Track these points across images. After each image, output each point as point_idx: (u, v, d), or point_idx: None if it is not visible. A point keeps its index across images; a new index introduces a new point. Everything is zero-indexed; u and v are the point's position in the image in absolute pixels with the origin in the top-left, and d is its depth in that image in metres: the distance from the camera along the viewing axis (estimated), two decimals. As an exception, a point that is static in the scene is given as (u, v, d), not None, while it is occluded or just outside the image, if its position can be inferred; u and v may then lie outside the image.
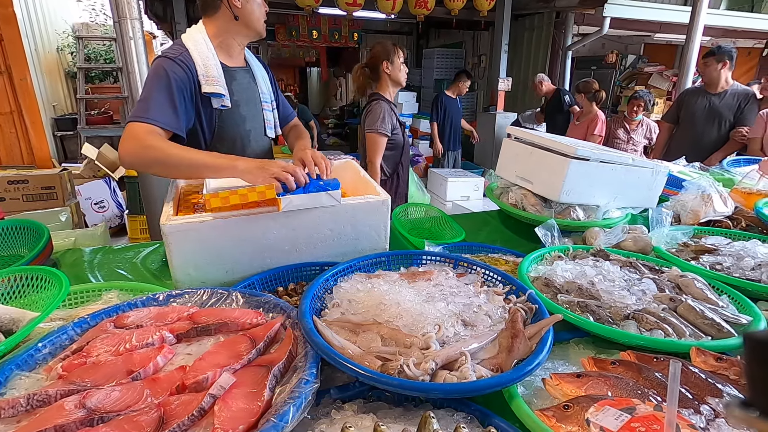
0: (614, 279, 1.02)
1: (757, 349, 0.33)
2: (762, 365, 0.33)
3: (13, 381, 0.64)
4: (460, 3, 4.92)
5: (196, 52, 1.26)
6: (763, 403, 0.32)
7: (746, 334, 0.34)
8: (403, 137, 2.22)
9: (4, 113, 4.60)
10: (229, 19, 1.31)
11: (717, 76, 2.93)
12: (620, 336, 0.81)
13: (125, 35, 2.43)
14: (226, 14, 1.30)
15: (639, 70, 6.70)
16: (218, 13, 1.31)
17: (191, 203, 1.15)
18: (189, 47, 1.27)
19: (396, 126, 2.18)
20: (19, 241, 1.22)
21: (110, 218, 4.35)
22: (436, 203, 4.82)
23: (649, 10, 5.40)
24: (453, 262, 1.01)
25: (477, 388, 0.62)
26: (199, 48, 1.28)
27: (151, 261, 1.28)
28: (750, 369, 0.33)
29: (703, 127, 3.03)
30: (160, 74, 1.20)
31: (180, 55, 1.24)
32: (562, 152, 1.42)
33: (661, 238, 1.30)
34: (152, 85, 1.19)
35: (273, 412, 0.55)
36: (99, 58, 5.98)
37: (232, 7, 1.29)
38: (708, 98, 3.01)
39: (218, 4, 1.29)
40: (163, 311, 0.80)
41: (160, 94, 1.18)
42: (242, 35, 1.36)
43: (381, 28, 8.02)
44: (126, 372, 0.64)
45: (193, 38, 1.29)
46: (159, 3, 4.94)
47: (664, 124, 3.44)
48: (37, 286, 0.87)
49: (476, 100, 7.46)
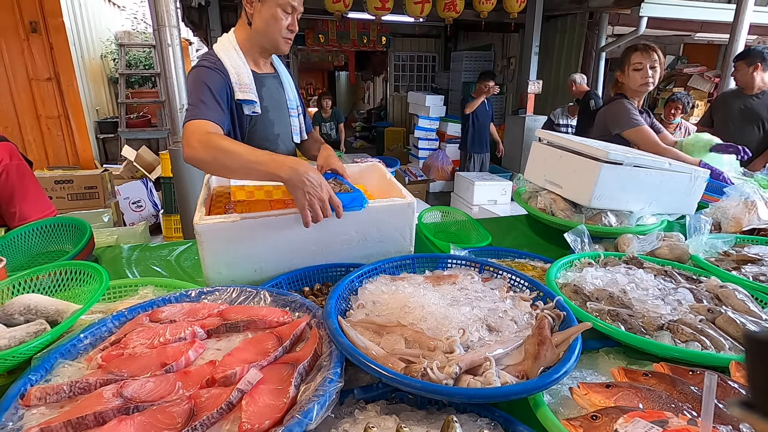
0: (648, 288, 0.98)
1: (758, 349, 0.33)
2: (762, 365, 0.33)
3: (58, 369, 0.68)
4: (489, 5, 4.88)
5: (228, 61, 1.30)
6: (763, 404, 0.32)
7: (746, 334, 0.33)
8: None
9: (52, 117, 4.88)
10: (246, 25, 1.34)
11: (750, 79, 2.79)
12: (653, 347, 0.78)
13: (164, 42, 2.54)
14: (243, 20, 1.34)
15: (678, 71, 6.43)
16: (241, 18, 1.35)
17: (223, 204, 1.19)
18: (221, 57, 1.31)
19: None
20: (65, 237, 1.29)
21: (147, 217, 4.54)
22: (463, 207, 4.78)
23: (689, 9, 5.17)
24: (479, 266, 1.00)
25: (501, 394, 0.61)
26: (230, 57, 1.32)
27: (184, 259, 1.33)
28: (751, 369, 0.33)
29: (739, 130, 2.89)
30: (201, 80, 1.25)
31: (215, 63, 1.28)
32: (593, 156, 1.38)
33: (700, 246, 1.24)
34: (197, 91, 1.24)
35: (298, 409, 0.56)
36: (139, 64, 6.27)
37: (247, 14, 1.31)
38: (744, 100, 2.87)
39: (241, 10, 1.34)
40: (194, 307, 0.83)
41: (206, 97, 1.23)
42: (260, 45, 1.36)
43: (409, 31, 8.05)
44: (160, 364, 0.67)
45: (225, 47, 1.34)
46: (195, 11, 5.14)
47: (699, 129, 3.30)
48: (79, 280, 0.92)
49: (505, 103, 7.36)
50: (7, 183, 1.40)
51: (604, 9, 5.26)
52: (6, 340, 0.71)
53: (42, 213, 1.45)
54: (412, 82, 8.63)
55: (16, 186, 1.42)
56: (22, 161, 1.47)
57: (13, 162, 1.43)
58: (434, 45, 8.55)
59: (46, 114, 4.84)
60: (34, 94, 4.74)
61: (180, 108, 2.75)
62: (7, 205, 1.41)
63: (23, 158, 1.48)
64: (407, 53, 8.38)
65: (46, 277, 0.92)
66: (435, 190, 6.17)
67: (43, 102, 4.79)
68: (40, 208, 1.46)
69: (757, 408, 0.32)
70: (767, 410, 0.32)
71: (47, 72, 4.72)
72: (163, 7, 2.48)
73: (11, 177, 1.41)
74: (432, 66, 8.70)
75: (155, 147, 5.70)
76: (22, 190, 1.43)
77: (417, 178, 5.95)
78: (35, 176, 1.50)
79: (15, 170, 1.42)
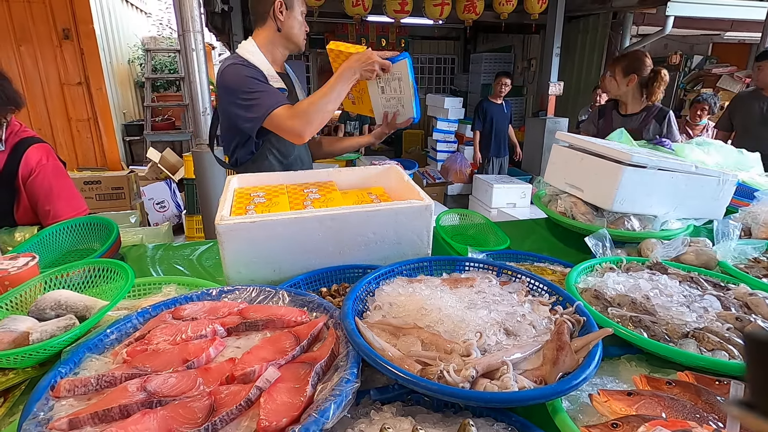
0: (672, 294, 0.96)
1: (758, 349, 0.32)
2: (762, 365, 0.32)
3: (86, 362, 0.70)
4: (509, 6, 4.84)
5: (254, 60, 1.52)
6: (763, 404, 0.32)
7: (746, 333, 0.33)
8: None
9: (82, 120, 5.06)
10: (274, 31, 1.56)
11: None
12: (678, 355, 0.76)
13: (188, 47, 2.61)
14: (272, 26, 1.55)
15: (706, 71, 6.23)
16: (266, 25, 1.56)
17: (244, 205, 1.22)
18: (247, 57, 1.51)
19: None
20: (93, 236, 1.34)
21: (170, 217, 4.66)
22: (481, 210, 4.74)
23: (718, 8, 5.00)
24: (497, 269, 0.99)
25: (519, 398, 0.60)
26: (255, 57, 1.53)
27: (206, 258, 1.36)
28: (750, 369, 0.33)
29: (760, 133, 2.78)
30: (246, 75, 1.46)
31: (245, 61, 1.50)
32: (615, 159, 1.35)
33: (728, 252, 1.20)
34: (251, 86, 1.45)
35: (315, 407, 0.57)
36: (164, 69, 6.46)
37: (276, 20, 1.54)
38: (763, 101, 2.75)
39: (266, 16, 1.55)
40: (215, 306, 0.85)
41: (261, 86, 1.47)
42: (283, 46, 1.61)
43: (428, 34, 8.04)
44: (182, 360, 0.68)
45: (249, 50, 1.54)
46: (218, 16, 5.25)
47: (719, 133, 3.19)
48: (106, 278, 0.96)
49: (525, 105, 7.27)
50: (43, 182, 1.46)
51: (628, 9, 5.15)
52: (38, 333, 0.74)
53: (75, 212, 1.50)
54: (430, 85, 8.61)
55: (53, 185, 1.48)
56: (58, 162, 1.54)
57: (49, 162, 1.49)
58: (453, 47, 8.52)
59: (76, 117, 5.03)
60: (66, 98, 4.94)
61: (203, 111, 2.82)
62: (43, 204, 1.47)
63: (58, 159, 1.55)
64: (426, 55, 8.37)
65: (76, 273, 0.95)
66: (453, 192, 6.13)
67: (73, 105, 4.98)
68: (73, 207, 1.52)
69: (757, 408, 0.32)
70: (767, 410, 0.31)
71: (78, 77, 4.90)
72: (188, 13, 2.55)
73: (47, 176, 1.47)
74: (451, 68, 8.66)
75: (179, 149, 5.85)
76: (57, 190, 1.49)
77: (435, 180, 5.92)
78: (69, 176, 1.56)
79: (51, 170, 1.49)
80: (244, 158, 1.63)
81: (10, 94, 1.39)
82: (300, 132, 1.40)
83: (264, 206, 1.16)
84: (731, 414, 0.33)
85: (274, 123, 1.44)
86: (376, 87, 1.59)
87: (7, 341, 0.73)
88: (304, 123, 1.40)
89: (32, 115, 4.81)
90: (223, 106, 1.57)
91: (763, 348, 0.32)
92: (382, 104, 1.63)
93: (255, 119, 1.46)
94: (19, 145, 1.44)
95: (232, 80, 1.47)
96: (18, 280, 0.92)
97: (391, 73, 1.50)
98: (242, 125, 1.51)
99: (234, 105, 1.48)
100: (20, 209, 1.48)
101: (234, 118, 1.52)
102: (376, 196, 1.25)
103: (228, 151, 1.69)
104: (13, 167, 1.43)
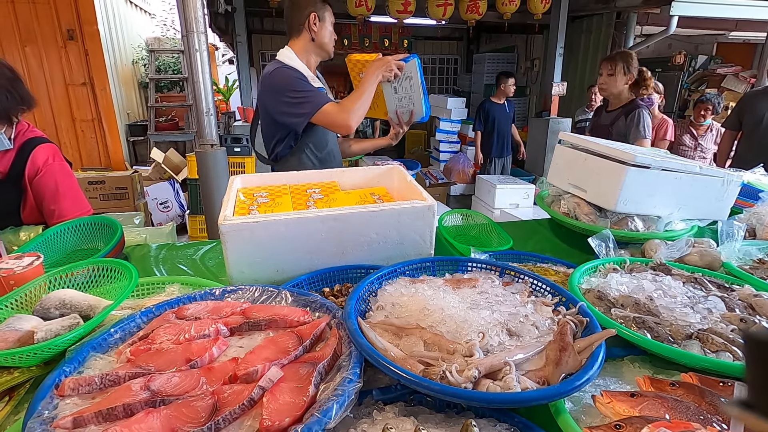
0: (676, 295, 0.95)
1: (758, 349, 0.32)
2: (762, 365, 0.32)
3: (90, 361, 0.71)
4: (513, 6, 4.83)
5: (295, 65, 1.73)
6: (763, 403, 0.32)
7: (746, 333, 0.33)
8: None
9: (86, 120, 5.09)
10: (308, 41, 1.77)
11: None
12: (681, 356, 0.75)
13: (192, 47, 2.62)
14: (307, 37, 1.77)
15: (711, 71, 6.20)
16: (301, 36, 1.77)
17: (247, 205, 1.22)
18: (288, 62, 1.72)
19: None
20: (97, 236, 1.35)
21: (173, 217, 4.68)
22: (484, 210, 4.73)
23: (723, 7, 4.96)
24: (499, 270, 0.99)
25: (521, 399, 0.60)
26: (295, 62, 1.74)
27: (209, 258, 1.37)
28: (750, 369, 0.33)
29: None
30: (294, 77, 1.68)
31: (289, 65, 1.71)
32: (619, 159, 1.34)
33: (732, 253, 1.19)
34: (300, 86, 1.68)
35: (317, 407, 0.57)
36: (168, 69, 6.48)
37: (311, 31, 1.75)
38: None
39: (301, 28, 1.76)
40: (218, 305, 0.85)
41: (308, 86, 1.69)
42: (317, 54, 1.82)
43: (431, 34, 8.04)
44: (185, 360, 0.69)
45: (289, 57, 1.75)
46: (222, 17, 5.27)
47: (726, 132, 3.17)
48: (110, 277, 0.96)
49: (528, 105, 7.25)
50: (49, 182, 1.47)
51: (632, 8, 5.12)
52: (43, 332, 0.75)
53: (79, 211, 1.51)
54: (433, 85, 8.60)
55: (59, 185, 1.49)
56: (64, 162, 1.55)
57: (56, 162, 1.50)
58: (456, 47, 8.51)
59: (80, 117, 5.06)
60: (70, 99, 4.97)
61: (206, 111, 2.82)
62: (48, 203, 1.48)
63: (64, 159, 1.56)
64: (429, 56, 8.37)
65: (80, 273, 0.96)
66: (456, 193, 6.13)
67: (78, 106, 5.01)
68: (77, 207, 1.53)
69: (757, 408, 0.32)
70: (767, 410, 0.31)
71: (82, 77, 4.93)
72: (191, 13, 2.56)
73: (53, 176, 1.48)
74: (454, 68, 8.65)
75: (182, 149, 5.88)
76: (63, 189, 1.50)
77: (438, 180, 5.92)
78: (74, 176, 1.57)
79: (57, 170, 1.50)
80: (283, 152, 1.84)
81: (23, 94, 1.41)
82: (349, 124, 1.65)
83: (267, 206, 1.16)
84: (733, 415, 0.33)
85: (325, 117, 1.67)
86: (389, 88, 1.80)
87: (12, 340, 0.74)
88: (351, 116, 1.65)
89: (37, 116, 4.85)
90: (268, 105, 1.76)
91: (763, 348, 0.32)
92: (396, 104, 1.85)
93: (305, 114, 1.67)
94: (26, 145, 1.46)
95: (282, 81, 1.68)
96: (23, 280, 0.93)
97: (403, 72, 1.74)
98: (290, 120, 1.72)
99: (283, 103, 1.69)
100: (27, 209, 1.49)
101: (281, 115, 1.73)
102: (378, 197, 1.25)
103: (268, 147, 1.90)
104: (20, 167, 1.44)
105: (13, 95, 1.37)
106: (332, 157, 1.93)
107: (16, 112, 1.41)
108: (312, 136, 1.81)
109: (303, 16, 1.74)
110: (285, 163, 1.84)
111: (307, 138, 1.81)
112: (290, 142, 1.81)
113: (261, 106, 1.83)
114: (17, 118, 1.43)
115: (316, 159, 1.86)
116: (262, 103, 1.80)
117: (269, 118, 1.80)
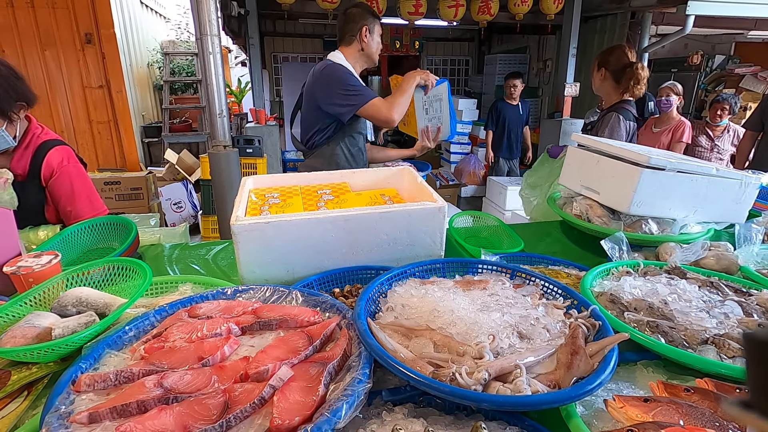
0: (691, 299, 0.94)
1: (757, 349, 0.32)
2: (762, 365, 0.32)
3: (105, 358, 0.72)
4: (525, 7, 4.79)
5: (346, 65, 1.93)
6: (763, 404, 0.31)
7: (746, 333, 0.33)
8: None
9: (102, 122, 5.19)
10: (357, 50, 1.97)
11: None
12: (696, 362, 0.74)
13: (206, 50, 2.65)
14: (357, 46, 1.96)
15: (728, 71, 6.08)
16: (351, 45, 1.96)
17: (258, 206, 1.23)
18: (337, 62, 1.90)
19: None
20: (113, 235, 1.37)
21: (186, 217, 4.74)
22: (495, 212, 4.71)
23: (741, 6, 4.85)
24: (510, 272, 0.98)
25: (532, 402, 0.60)
26: (344, 64, 1.93)
27: (221, 258, 1.38)
28: (750, 369, 0.33)
29: None
30: (347, 73, 1.89)
31: (341, 64, 1.90)
32: (633, 161, 1.33)
33: (750, 257, 1.17)
34: (353, 80, 1.88)
35: (327, 407, 0.57)
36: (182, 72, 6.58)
37: (362, 42, 1.95)
38: None
39: (353, 39, 1.95)
40: (230, 305, 0.86)
41: (358, 82, 1.90)
42: (363, 62, 2.02)
43: (442, 35, 8.02)
44: (197, 358, 0.70)
45: (339, 58, 1.94)
46: (235, 20, 5.32)
47: (747, 132, 3.10)
48: (125, 276, 0.98)
49: (540, 106, 7.19)
50: (64, 183, 1.51)
51: (647, 8, 5.04)
52: (60, 329, 0.76)
53: (95, 212, 1.55)
54: (444, 86, 8.57)
55: (74, 186, 1.53)
56: (79, 164, 1.58)
57: (70, 164, 1.54)
58: (467, 48, 8.47)
59: (97, 119, 5.15)
60: (87, 101, 5.07)
61: (219, 113, 2.86)
62: (65, 205, 1.52)
63: (79, 160, 1.59)
64: (440, 57, 8.35)
65: (96, 272, 0.98)
66: (467, 194, 6.10)
67: (95, 108, 5.11)
68: (92, 208, 1.56)
69: (757, 408, 0.31)
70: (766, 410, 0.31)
71: (99, 80, 5.03)
72: (205, 17, 2.60)
73: (68, 178, 1.52)
74: (465, 70, 8.61)
75: (195, 150, 5.95)
76: (78, 191, 1.53)
77: (448, 182, 5.90)
78: (89, 177, 1.61)
79: (72, 172, 1.53)
80: (320, 142, 2.02)
81: (21, 90, 1.41)
82: (393, 117, 1.83)
83: (278, 207, 1.17)
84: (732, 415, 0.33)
85: (372, 108, 1.84)
86: (421, 107, 2.00)
87: (31, 336, 0.76)
88: (395, 111, 1.83)
89: (55, 118, 4.96)
90: (318, 96, 1.91)
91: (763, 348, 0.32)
92: (426, 122, 2.04)
93: (354, 105, 1.84)
94: (41, 148, 1.49)
95: (336, 75, 1.86)
96: (42, 277, 0.95)
97: (434, 93, 1.95)
98: (339, 110, 1.88)
99: (335, 95, 1.86)
100: (49, 209, 1.53)
101: (331, 106, 1.89)
102: (389, 198, 1.25)
103: (305, 135, 2.06)
104: (36, 169, 1.48)
105: (8, 91, 1.37)
106: (361, 154, 2.11)
107: (17, 108, 1.42)
108: (348, 131, 2.01)
109: (356, 29, 1.93)
110: (319, 151, 2.03)
111: (343, 133, 2.00)
112: (328, 134, 1.99)
113: (308, 97, 1.98)
114: (17, 115, 1.43)
115: (349, 153, 2.04)
116: (311, 93, 1.95)
117: (315, 108, 1.95)
